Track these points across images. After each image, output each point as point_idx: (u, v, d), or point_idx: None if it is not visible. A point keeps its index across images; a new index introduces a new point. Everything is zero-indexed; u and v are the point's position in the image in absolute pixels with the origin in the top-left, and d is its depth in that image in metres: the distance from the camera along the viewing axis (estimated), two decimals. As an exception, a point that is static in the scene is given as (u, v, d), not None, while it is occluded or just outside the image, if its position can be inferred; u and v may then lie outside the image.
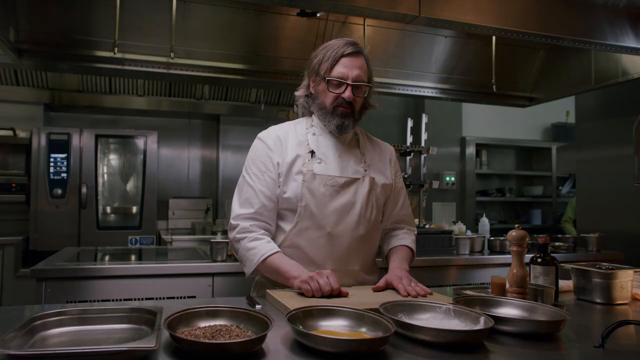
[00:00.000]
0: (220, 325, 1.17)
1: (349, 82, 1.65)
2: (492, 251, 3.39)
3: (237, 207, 1.71)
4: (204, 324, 1.18)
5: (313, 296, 1.46)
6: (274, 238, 1.71)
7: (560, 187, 6.43)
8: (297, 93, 1.80)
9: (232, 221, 1.71)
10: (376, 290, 1.61)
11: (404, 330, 1.16)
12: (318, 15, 3.04)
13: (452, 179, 5.81)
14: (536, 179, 6.67)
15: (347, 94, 1.66)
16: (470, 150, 6.00)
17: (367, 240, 1.75)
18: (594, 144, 4.32)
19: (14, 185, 4.38)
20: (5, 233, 4.43)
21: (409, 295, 1.50)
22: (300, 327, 1.13)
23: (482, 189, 6.35)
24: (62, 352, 0.93)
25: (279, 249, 1.66)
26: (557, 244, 3.53)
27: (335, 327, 1.20)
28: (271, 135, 1.75)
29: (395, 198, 1.88)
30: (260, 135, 1.78)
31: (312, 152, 1.71)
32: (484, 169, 6.29)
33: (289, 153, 1.71)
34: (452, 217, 5.61)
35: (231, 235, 1.71)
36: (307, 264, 1.64)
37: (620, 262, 2.95)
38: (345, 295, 1.49)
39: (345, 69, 1.65)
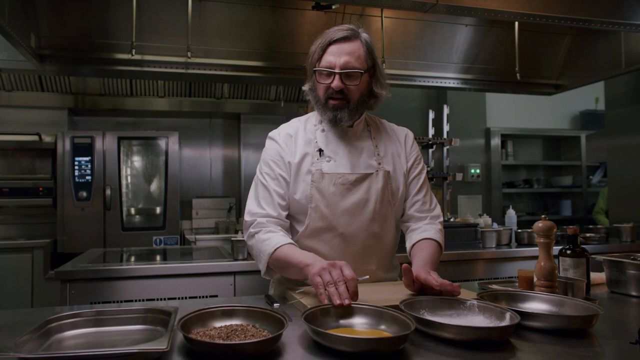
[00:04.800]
0: (236, 325, 1.14)
1: (336, 70, 1.54)
2: (520, 244, 3.30)
3: (253, 207, 1.65)
4: (219, 324, 1.16)
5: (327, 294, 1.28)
6: None
7: (591, 177, 6.24)
8: (304, 87, 1.71)
9: (247, 218, 1.65)
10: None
11: (424, 327, 1.11)
12: (333, 7, 2.98)
13: (478, 171, 5.68)
14: (565, 169, 6.46)
15: (335, 83, 1.55)
16: (496, 141, 5.85)
17: (382, 238, 1.66)
18: (625, 131, 4.16)
19: (41, 189, 4.46)
20: (34, 236, 4.53)
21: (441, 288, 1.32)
22: (318, 326, 1.09)
23: (509, 181, 6.19)
24: (72, 355, 0.91)
25: (293, 242, 1.55)
26: (588, 235, 3.41)
27: (354, 325, 1.16)
28: (282, 133, 1.70)
29: (413, 183, 1.72)
30: (271, 134, 1.73)
31: (321, 151, 1.64)
32: (510, 160, 6.14)
33: (297, 152, 1.65)
34: (478, 210, 5.50)
35: (246, 232, 1.64)
36: None
37: (657, 252, 2.83)
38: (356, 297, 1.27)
39: (333, 56, 1.55)
